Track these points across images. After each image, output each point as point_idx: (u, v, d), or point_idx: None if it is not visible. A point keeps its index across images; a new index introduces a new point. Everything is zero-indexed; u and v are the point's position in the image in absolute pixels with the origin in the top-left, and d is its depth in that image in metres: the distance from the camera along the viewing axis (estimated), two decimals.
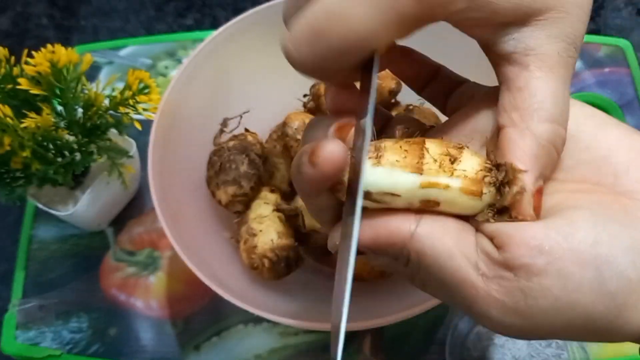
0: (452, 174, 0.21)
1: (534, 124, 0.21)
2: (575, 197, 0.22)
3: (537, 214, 0.21)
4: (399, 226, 0.21)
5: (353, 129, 0.23)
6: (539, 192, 0.21)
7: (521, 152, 0.21)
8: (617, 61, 0.65)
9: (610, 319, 0.19)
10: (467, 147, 0.22)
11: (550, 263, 0.19)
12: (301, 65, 0.22)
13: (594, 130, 0.23)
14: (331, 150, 0.21)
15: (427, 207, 0.22)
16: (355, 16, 0.19)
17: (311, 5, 0.20)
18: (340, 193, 0.22)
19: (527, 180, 0.21)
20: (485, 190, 0.21)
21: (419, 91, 0.29)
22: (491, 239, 0.21)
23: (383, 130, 0.27)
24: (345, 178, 0.22)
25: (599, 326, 0.20)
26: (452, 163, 0.21)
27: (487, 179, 0.21)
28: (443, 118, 0.49)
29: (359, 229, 0.21)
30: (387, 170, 0.21)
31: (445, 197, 0.21)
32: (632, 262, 0.19)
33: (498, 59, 0.23)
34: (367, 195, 0.21)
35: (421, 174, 0.21)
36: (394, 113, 0.50)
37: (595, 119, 0.23)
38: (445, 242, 0.21)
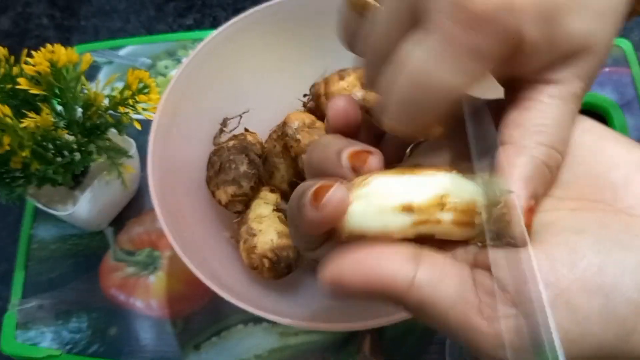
0: (443, 208, 0.21)
1: (533, 144, 0.21)
2: (575, 216, 0.21)
3: (528, 231, 0.21)
4: (395, 275, 0.21)
5: (371, 158, 0.23)
6: (530, 211, 0.21)
7: (516, 170, 0.21)
8: (618, 61, 0.65)
9: (620, 346, 0.19)
10: (454, 172, 0.22)
11: (558, 295, 0.19)
12: (402, 132, 0.23)
13: (592, 145, 0.23)
14: (337, 195, 0.21)
15: (421, 237, 0.22)
16: (444, 78, 0.20)
17: (397, 76, 0.21)
18: (337, 235, 0.22)
19: (518, 200, 0.21)
20: (476, 220, 0.21)
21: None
22: (488, 269, 0.21)
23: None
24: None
25: (607, 353, 0.19)
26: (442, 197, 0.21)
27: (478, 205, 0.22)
28: None
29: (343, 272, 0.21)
30: (376, 212, 0.21)
31: (439, 230, 0.21)
32: (639, 285, 0.19)
33: (516, 81, 0.23)
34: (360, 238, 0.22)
35: (412, 212, 0.21)
36: None
37: (593, 133, 0.23)
38: (446, 290, 0.20)
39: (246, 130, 0.53)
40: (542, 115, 0.22)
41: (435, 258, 0.21)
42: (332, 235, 0.23)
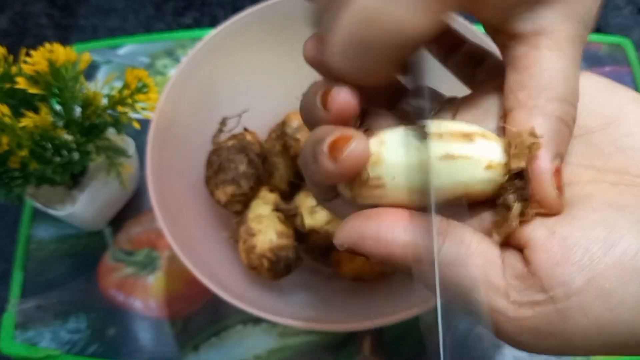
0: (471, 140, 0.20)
1: (543, 102, 0.20)
2: (615, 191, 0.20)
3: (561, 195, 0.20)
4: (420, 249, 0.20)
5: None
6: (557, 172, 0.20)
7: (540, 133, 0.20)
8: (618, 60, 0.65)
9: None
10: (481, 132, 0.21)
11: (592, 280, 0.18)
12: (346, 75, 0.20)
13: (637, 116, 0.21)
14: (359, 148, 0.20)
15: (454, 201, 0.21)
16: (397, 17, 0.18)
17: (345, 11, 0.19)
18: (356, 185, 0.21)
19: (544, 160, 0.20)
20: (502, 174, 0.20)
21: (444, 60, 0.27)
22: (521, 250, 0.20)
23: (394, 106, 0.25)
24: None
25: (639, 343, 0.18)
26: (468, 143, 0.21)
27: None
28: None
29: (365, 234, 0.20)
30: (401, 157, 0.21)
31: (465, 172, 0.20)
32: None
33: (505, 40, 0.22)
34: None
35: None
36: None
37: (639, 103, 0.21)
38: (471, 270, 0.19)
39: (245, 129, 0.53)
40: (543, 70, 0.21)
41: (463, 233, 0.20)
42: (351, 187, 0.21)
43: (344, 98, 0.20)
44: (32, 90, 0.45)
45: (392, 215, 0.21)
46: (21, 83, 0.44)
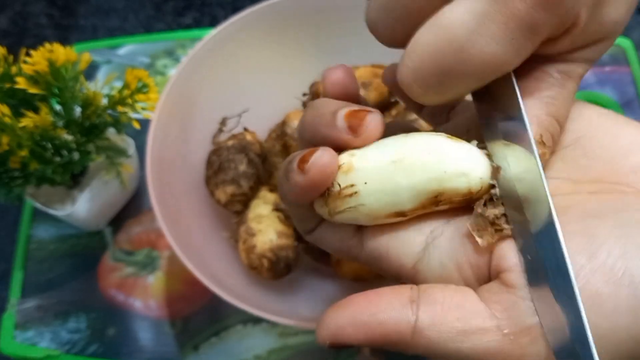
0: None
1: (544, 115, 0.21)
2: (593, 199, 0.20)
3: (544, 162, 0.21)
4: (397, 324, 0.20)
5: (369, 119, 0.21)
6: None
7: (527, 134, 0.21)
8: (618, 60, 0.65)
9: None
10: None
11: (581, 290, 0.18)
12: (416, 97, 0.21)
13: (609, 130, 0.22)
14: (325, 156, 0.20)
15: (431, 206, 0.21)
16: (486, 50, 0.18)
17: (429, 31, 0.19)
18: (324, 200, 0.22)
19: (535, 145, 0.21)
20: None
21: (418, 111, 0.29)
22: (496, 275, 0.20)
23: None
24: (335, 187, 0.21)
25: None
26: None
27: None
28: None
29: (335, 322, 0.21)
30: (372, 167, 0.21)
31: (437, 168, 0.21)
32: None
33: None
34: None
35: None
36: (393, 112, 0.50)
37: (609, 118, 0.23)
38: (452, 326, 0.19)
39: (245, 129, 0.53)
40: (551, 88, 0.22)
41: (435, 292, 0.20)
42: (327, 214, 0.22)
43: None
44: (32, 90, 0.45)
45: (363, 298, 0.21)
46: (21, 83, 0.44)
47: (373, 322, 0.20)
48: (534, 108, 0.21)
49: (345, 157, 0.22)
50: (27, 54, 0.45)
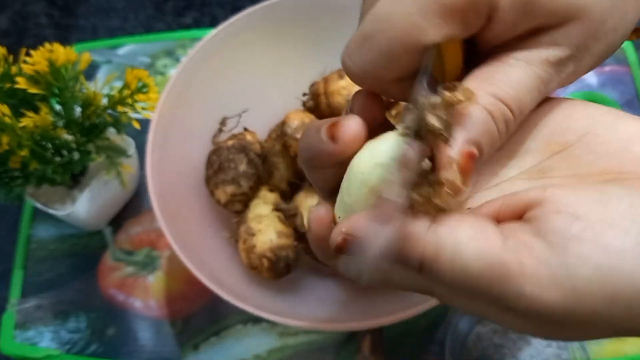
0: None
1: (484, 94, 0.21)
2: (600, 186, 0.20)
3: (465, 179, 0.20)
4: (413, 227, 0.20)
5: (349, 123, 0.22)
6: (469, 156, 0.20)
7: (460, 117, 0.21)
8: (618, 60, 0.65)
9: None
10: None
11: (587, 229, 0.18)
12: (355, 75, 0.22)
13: (610, 124, 0.22)
14: (352, 124, 0.22)
15: None
16: (399, 14, 0.20)
17: (364, 16, 0.21)
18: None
19: (458, 138, 0.20)
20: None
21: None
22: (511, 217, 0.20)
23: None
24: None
25: None
26: None
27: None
28: None
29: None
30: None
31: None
32: None
33: (488, 51, 0.23)
34: None
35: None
36: (393, 112, 0.50)
37: (610, 114, 0.23)
38: (464, 229, 0.19)
39: (245, 129, 0.53)
40: (502, 73, 0.21)
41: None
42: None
43: (354, 127, 0.22)
44: (32, 90, 0.45)
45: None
46: (21, 83, 0.44)
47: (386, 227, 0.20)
48: (476, 89, 0.21)
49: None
50: (27, 54, 0.45)
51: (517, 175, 0.23)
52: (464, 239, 0.19)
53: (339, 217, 0.23)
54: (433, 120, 0.20)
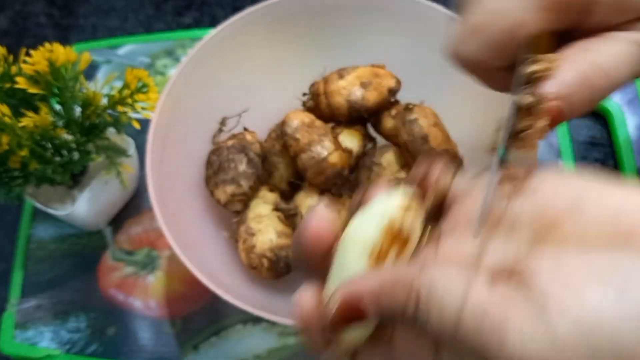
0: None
1: (582, 58, 0.24)
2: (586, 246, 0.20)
3: (553, 124, 0.23)
4: (406, 271, 0.21)
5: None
6: (558, 113, 0.23)
7: (558, 74, 0.23)
8: None
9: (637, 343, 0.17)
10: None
11: (567, 280, 0.18)
12: (465, 61, 0.25)
13: (598, 194, 0.22)
14: (309, 225, 0.24)
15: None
16: (508, 9, 0.24)
17: (472, 8, 0.25)
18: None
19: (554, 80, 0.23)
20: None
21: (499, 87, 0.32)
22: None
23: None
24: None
25: (626, 349, 0.17)
26: None
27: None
28: (444, 115, 0.48)
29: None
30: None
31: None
32: None
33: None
34: None
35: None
36: (393, 112, 0.50)
37: (596, 183, 0.22)
38: (454, 274, 0.20)
39: (245, 129, 0.53)
40: (602, 45, 0.24)
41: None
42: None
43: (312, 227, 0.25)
44: (32, 90, 0.45)
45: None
46: (21, 83, 0.44)
47: (384, 273, 0.22)
48: (576, 54, 0.24)
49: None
50: (27, 54, 0.45)
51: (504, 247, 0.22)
52: (453, 284, 0.20)
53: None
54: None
